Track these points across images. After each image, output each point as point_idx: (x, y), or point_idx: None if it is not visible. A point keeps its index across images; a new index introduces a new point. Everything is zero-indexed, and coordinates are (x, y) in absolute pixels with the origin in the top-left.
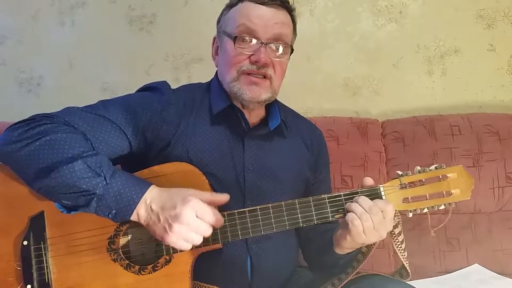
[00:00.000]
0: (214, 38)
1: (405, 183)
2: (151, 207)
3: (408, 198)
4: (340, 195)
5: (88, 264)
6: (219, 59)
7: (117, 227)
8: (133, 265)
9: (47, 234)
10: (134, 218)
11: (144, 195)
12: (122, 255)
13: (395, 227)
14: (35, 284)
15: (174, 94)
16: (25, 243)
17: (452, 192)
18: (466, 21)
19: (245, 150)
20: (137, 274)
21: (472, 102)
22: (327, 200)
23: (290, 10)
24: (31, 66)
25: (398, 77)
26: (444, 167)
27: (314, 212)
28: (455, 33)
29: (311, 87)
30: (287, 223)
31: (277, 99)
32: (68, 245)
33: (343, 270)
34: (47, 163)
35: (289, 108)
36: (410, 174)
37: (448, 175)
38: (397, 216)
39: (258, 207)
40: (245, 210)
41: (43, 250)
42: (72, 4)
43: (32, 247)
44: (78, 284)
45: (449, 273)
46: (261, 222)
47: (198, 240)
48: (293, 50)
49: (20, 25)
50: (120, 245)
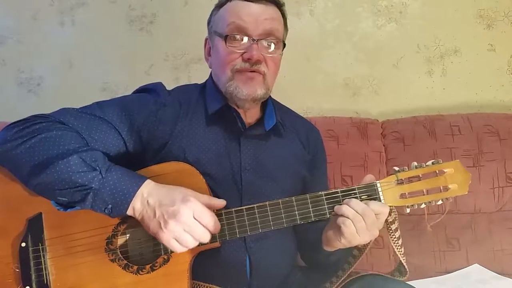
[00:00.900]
0: (206, 39)
1: (401, 179)
2: (148, 201)
3: (405, 193)
4: (337, 192)
5: (87, 265)
6: (212, 60)
7: (115, 227)
8: (131, 265)
9: (45, 235)
10: (129, 212)
11: (140, 188)
12: (120, 255)
13: (392, 223)
14: (34, 286)
15: (170, 95)
16: (23, 245)
17: (449, 187)
18: (466, 21)
19: (242, 149)
20: (136, 274)
21: (472, 102)
22: (324, 197)
23: (279, 5)
24: (31, 66)
25: (398, 77)
26: (441, 162)
27: (311, 209)
28: (455, 33)
29: (311, 87)
30: (284, 220)
31: (277, 99)
32: (66, 246)
33: (337, 267)
34: (42, 159)
35: (286, 107)
36: (407, 170)
37: (445, 170)
38: (394, 212)
39: (255, 205)
40: (242, 208)
41: (41, 252)
42: (72, 4)
43: (30, 249)
44: (76, 285)
45: (449, 273)
46: (258, 220)
47: (192, 243)
48: (285, 45)
49: (20, 25)
50: (118, 245)
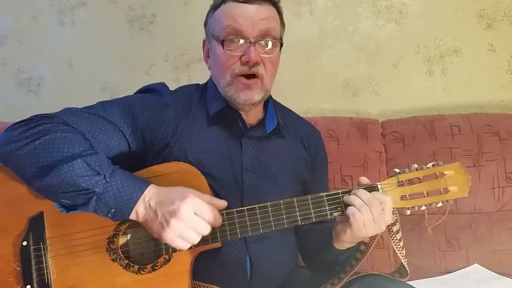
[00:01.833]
0: (204, 41)
1: (402, 181)
2: (149, 204)
3: (406, 195)
4: (338, 193)
5: (88, 264)
6: (211, 63)
7: (116, 227)
8: (132, 264)
9: (46, 234)
10: (133, 216)
11: (143, 193)
12: (121, 255)
13: (393, 224)
14: (35, 285)
15: (172, 96)
16: (24, 243)
17: (450, 189)
18: (466, 21)
19: (243, 150)
20: (137, 273)
21: (472, 102)
22: (325, 198)
23: (274, 3)
24: (31, 66)
25: (398, 77)
26: (441, 164)
27: (312, 210)
28: (455, 33)
29: (311, 87)
30: (285, 221)
31: (277, 99)
32: (68, 245)
33: (342, 268)
34: (47, 162)
35: (287, 108)
36: (408, 172)
37: (446, 173)
38: (395, 213)
39: (257, 206)
40: (244, 209)
41: (42, 251)
42: (72, 4)
43: (32, 248)
44: (77, 284)
45: (449, 273)
46: (260, 221)
47: (195, 238)
48: (282, 44)
49: (20, 25)
50: (120, 245)
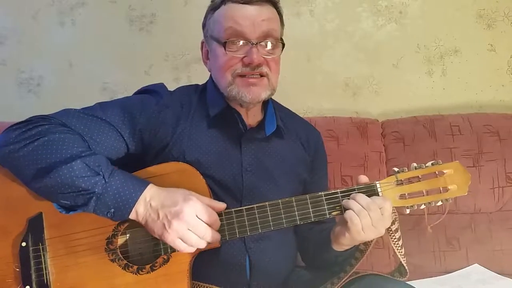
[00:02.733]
0: (202, 43)
1: (401, 180)
2: (150, 204)
3: (405, 194)
4: (337, 192)
5: (87, 265)
6: (211, 64)
7: (115, 227)
8: (131, 265)
9: (45, 235)
10: (132, 216)
11: (142, 193)
12: (120, 255)
13: (392, 223)
14: (34, 285)
15: (171, 97)
16: (23, 244)
17: (449, 188)
18: (466, 21)
19: (243, 151)
20: (136, 274)
21: (472, 102)
22: (324, 197)
23: (274, 3)
24: (31, 66)
25: (398, 77)
26: (441, 163)
27: (311, 210)
28: (455, 33)
29: (311, 87)
30: (284, 220)
31: (277, 99)
32: (67, 246)
33: (341, 268)
34: (46, 163)
35: (287, 108)
36: (407, 171)
37: (445, 171)
38: (394, 213)
39: (255, 205)
40: (242, 209)
41: (41, 251)
42: (72, 4)
43: (31, 248)
44: (76, 284)
45: (449, 273)
46: (258, 220)
47: (196, 241)
48: (284, 44)
49: (20, 25)
50: (118, 245)
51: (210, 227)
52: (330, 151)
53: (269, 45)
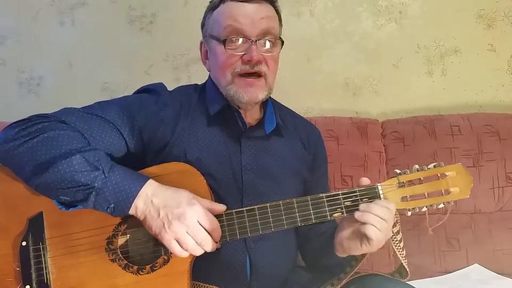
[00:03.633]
0: (201, 43)
1: (403, 182)
2: (152, 200)
3: (407, 196)
4: (338, 194)
5: (87, 264)
6: (210, 63)
7: (115, 227)
8: (131, 265)
9: (45, 234)
10: (132, 211)
11: (142, 188)
12: (120, 255)
13: (394, 225)
14: (34, 285)
15: (171, 96)
16: (23, 244)
17: (451, 190)
18: (466, 21)
19: (242, 150)
20: (136, 274)
21: (472, 102)
22: (325, 199)
23: (272, 2)
24: (31, 66)
25: (398, 77)
26: (443, 165)
27: (312, 211)
28: (455, 33)
29: (311, 87)
30: (285, 222)
31: (277, 99)
32: (67, 246)
33: (342, 268)
34: (45, 159)
35: (286, 107)
36: (408, 173)
37: (447, 174)
38: (395, 215)
39: (256, 207)
40: (243, 210)
41: (41, 251)
42: (72, 4)
43: (31, 248)
44: (76, 284)
45: (449, 273)
46: (259, 222)
47: (192, 246)
48: (283, 42)
49: (20, 25)
50: (119, 245)
51: (210, 235)
52: (330, 151)
53: (268, 43)
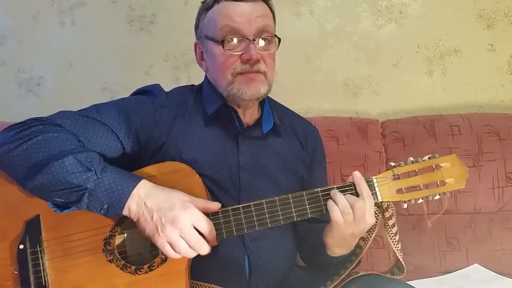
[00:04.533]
0: (196, 44)
1: (398, 174)
2: (145, 202)
3: (402, 188)
4: (333, 188)
5: (85, 266)
6: (208, 65)
7: (112, 228)
8: (129, 265)
9: (43, 237)
10: (125, 212)
11: (135, 188)
12: (118, 255)
13: (389, 218)
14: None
15: (167, 97)
16: (21, 247)
17: (446, 181)
18: (466, 21)
19: (240, 149)
20: (134, 274)
21: (472, 102)
22: (321, 193)
23: (266, 0)
24: (31, 66)
25: (398, 77)
26: (437, 156)
27: (308, 206)
28: (455, 33)
29: (311, 87)
30: (281, 217)
31: (278, 99)
32: (64, 247)
33: (338, 269)
34: (38, 161)
35: (284, 106)
36: (403, 165)
37: (442, 165)
38: (391, 207)
39: (252, 203)
40: (239, 207)
41: (39, 253)
42: (72, 4)
43: (29, 251)
44: (75, 285)
45: (449, 273)
46: (255, 218)
47: (185, 250)
48: (280, 39)
49: (20, 25)
50: (116, 245)
51: (205, 237)
52: (330, 151)
53: (265, 41)
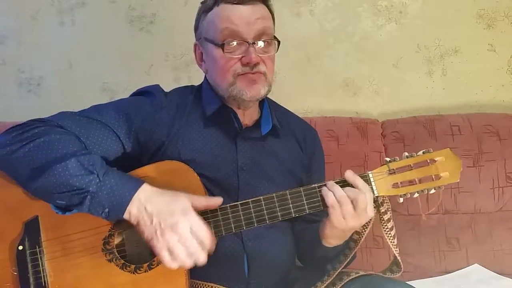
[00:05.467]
0: (195, 45)
1: (393, 169)
2: (145, 207)
3: (398, 183)
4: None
5: (84, 266)
6: (208, 67)
7: (111, 227)
8: (128, 264)
9: (42, 237)
10: (126, 216)
11: (136, 192)
12: (117, 255)
13: (384, 213)
14: None
15: (166, 97)
16: (20, 248)
17: (441, 175)
18: (466, 21)
19: (238, 150)
20: (133, 273)
21: (472, 102)
22: (318, 189)
23: (265, 1)
24: (31, 66)
25: (398, 77)
26: (432, 151)
27: (305, 202)
28: (455, 33)
29: (311, 87)
30: (279, 213)
31: (278, 99)
32: (64, 248)
33: (335, 264)
34: (41, 163)
35: (283, 107)
36: (398, 160)
37: (436, 159)
38: (386, 202)
39: (250, 200)
40: (237, 204)
41: (38, 254)
42: (72, 4)
43: (28, 252)
44: (75, 286)
45: (449, 273)
46: (253, 215)
47: (182, 257)
48: (279, 41)
49: (20, 25)
50: (115, 245)
51: (204, 244)
52: (330, 151)
53: (265, 43)
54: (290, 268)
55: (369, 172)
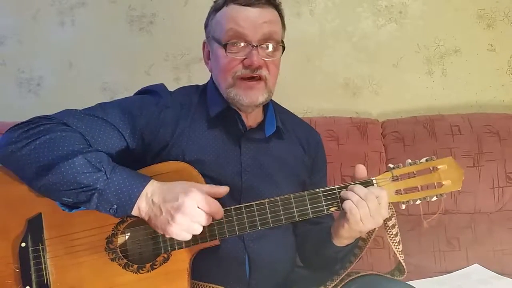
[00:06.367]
0: (204, 43)
1: (397, 176)
2: (152, 200)
3: (400, 190)
4: (334, 189)
5: (87, 264)
6: (212, 65)
7: (114, 226)
8: (131, 264)
9: (45, 235)
10: (135, 212)
11: (144, 188)
12: (120, 254)
13: (389, 219)
14: (34, 286)
15: (171, 97)
16: (23, 245)
17: (443, 183)
18: (466, 21)
19: (242, 151)
20: (136, 273)
21: (472, 102)
22: (322, 193)
23: (276, 6)
24: (31, 66)
25: (398, 77)
26: (435, 159)
27: (309, 206)
28: (455, 33)
29: (311, 87)
30: (283, 217)
31: (277, 99)
32: (66, 246)
33: (342, 264)
34: (47, 160)
35: (287, 110)
36: (402, 167)
37: (439, 167)
38: (390, 208)
39: (254, 203)
40: (241, 206)
41: (41, 252)
42: (72, 4)
43: (30, 249)
44: (76, 284)
45: (449, 273)
46: (257, 218)
47: (199, 229)
48: (284, 47)
49: (20, 25)
50: (118, 244)
51: (213, 215)
52: (330, 151)
53: (270, 47)
54: (291, 268)
55: (372, 178)
